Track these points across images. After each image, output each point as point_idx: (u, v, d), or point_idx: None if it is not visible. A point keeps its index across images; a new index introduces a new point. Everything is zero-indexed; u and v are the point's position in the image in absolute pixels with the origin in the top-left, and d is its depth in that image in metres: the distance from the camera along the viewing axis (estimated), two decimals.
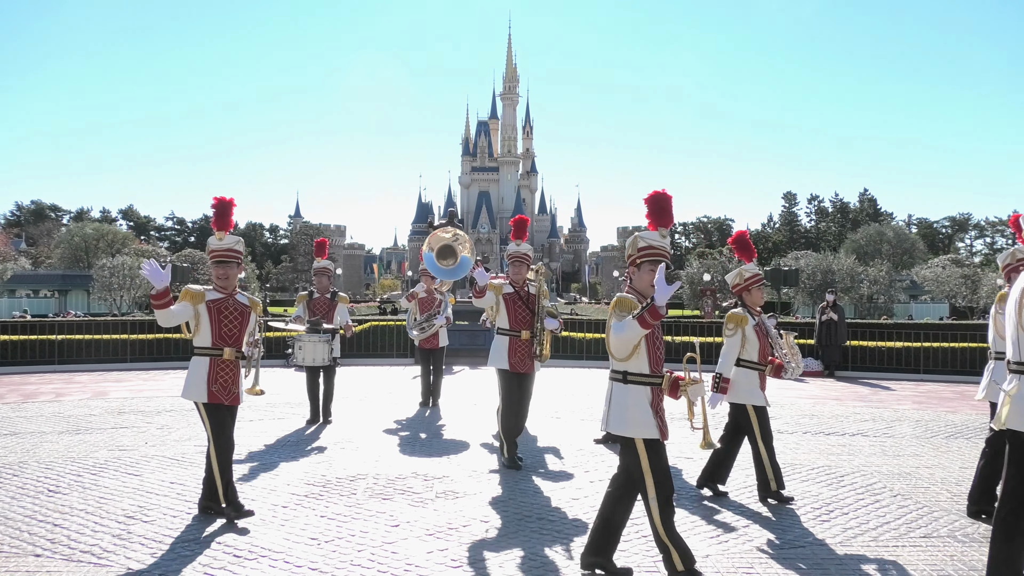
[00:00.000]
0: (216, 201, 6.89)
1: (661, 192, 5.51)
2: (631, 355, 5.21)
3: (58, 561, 5.69)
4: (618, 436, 5.38)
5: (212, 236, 6.88)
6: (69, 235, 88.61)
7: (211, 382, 6.70)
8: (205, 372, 6.72)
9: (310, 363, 11.40)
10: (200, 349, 6.78)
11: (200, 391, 6.68)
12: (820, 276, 62.53)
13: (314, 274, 11.99)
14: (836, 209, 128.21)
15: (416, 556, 5.84)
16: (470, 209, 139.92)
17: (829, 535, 6.44)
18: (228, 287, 6.86)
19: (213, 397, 6.69)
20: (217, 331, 6.74)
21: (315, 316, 11.62)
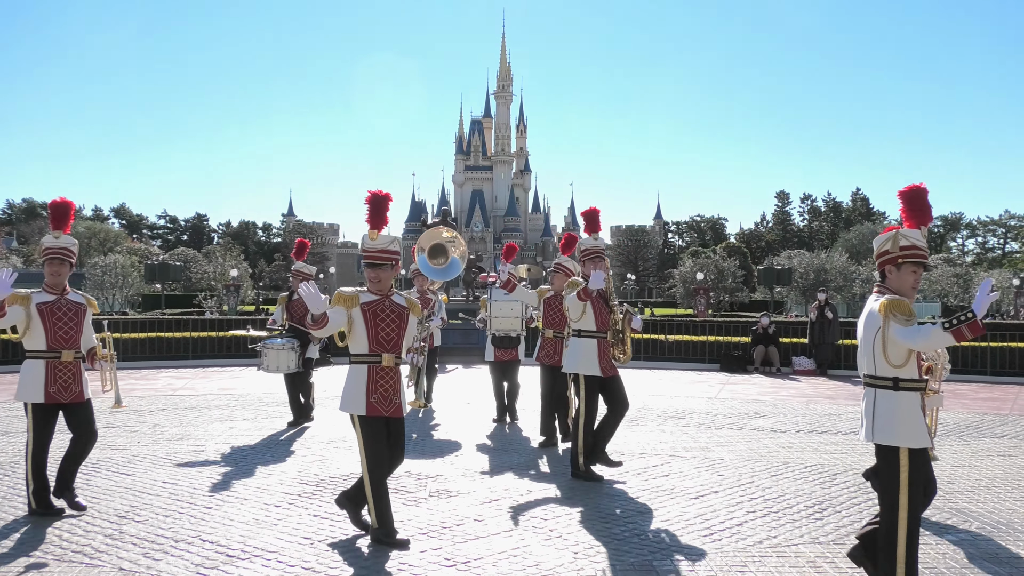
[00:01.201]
0: (371, 197, 6.25)
1: (919, 186, 5.19)
2: (907, 361, 4.93)
3: (50, 561, 5.67)
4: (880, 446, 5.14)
5: (364, 235, 6.31)
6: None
7: (370, 392, 6.03)
8: (364, 382, 6.04)
9: (274, 371, 10.93)
10: (357, 357, 6.13)
11: (358, 403, 6.03)
12: (813, 275, 62.68)
13: (292, 276, 11.82)
14: (829, 208, 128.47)
15: (410, 555, 5.83)
16: (464, 208, 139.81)
17: (822, 533, 6.45)
18: (383, 289, 6.20)
19: (372, 409, 6.02)
20: (374, 336, 6.08)
21: (293, 319, 11.28)
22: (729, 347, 21.14)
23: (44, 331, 6.66)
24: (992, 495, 7.70)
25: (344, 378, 6.17)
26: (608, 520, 6.78)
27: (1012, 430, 11.48)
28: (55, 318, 6.70)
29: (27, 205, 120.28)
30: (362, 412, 6.01)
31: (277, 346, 10.79)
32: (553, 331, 10.03)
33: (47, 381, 6.65)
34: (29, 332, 6.65)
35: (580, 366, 8.23)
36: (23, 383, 6.69)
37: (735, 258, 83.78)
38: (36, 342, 6.69)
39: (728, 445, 10.15)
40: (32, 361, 6.71)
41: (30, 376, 6.67)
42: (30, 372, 6.69)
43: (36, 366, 6.69)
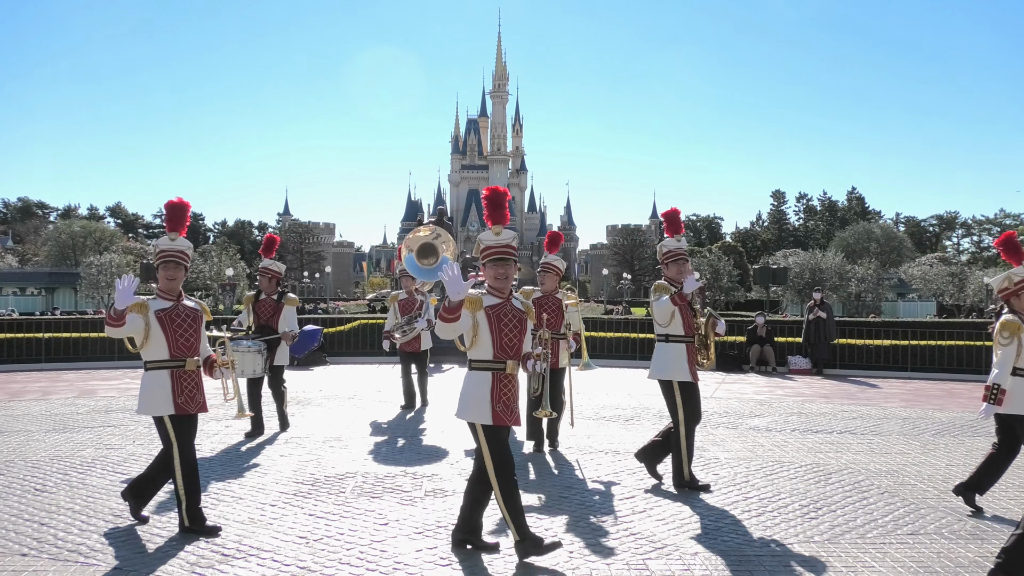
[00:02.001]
0: (489, 192, 5.92)
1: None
2: None
3: (45, 560, 5.67)
4: None
5: (486, 232, 5.88)
6: (56, 232, 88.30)
7: (495, 401, 5.71)
8: (488, 390, 5.70)
9: (239, 375, 9.57)
10: (478, 363, 5.78)
11: (482, 412, 5.69)
12: (808, 274, 62.79)
13: (259, 273, 10.86)
14: (824, 208, 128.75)
15: (405, 554, 5.84)
16: (460, 207, 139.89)
17: (817, 532, 6.46)
18: (505, 290, 5.83)
19: (497, 418, 5.71)
20: (498, 341, 5.73)
21: (260, 320, 10.50)
22: (725, 346, 21.13)
23: (165, 340, 6.27)
24: (987, 494, 7.71)
25: (463, 383, 5.83)
26: (603, 520, 6.78)
27: None
28: (175, 325, 6.31)
29: (22, 204, 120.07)
30: (487, 422, 5.69)
31: (243, 348, 9.83)
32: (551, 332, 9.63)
33: (174, 392, 6.26)
34: (148, 342, 6.27)
35: (673, 372, 7.83)
36: (149, 396, 6.28)
37: (731, 257, 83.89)
38: (158, 351, 6.30)
39: (723, 444, 10.16)
40: (156, 372, 6.30)
41: (156, 388, 6.26)
42: (155, 384, 6.27)
43: (160, 377, 6.28)
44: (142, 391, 6.34)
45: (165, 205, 6.54)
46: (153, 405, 6.27)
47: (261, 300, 10.60)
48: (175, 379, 6.28)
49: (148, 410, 6.31)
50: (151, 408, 6.29)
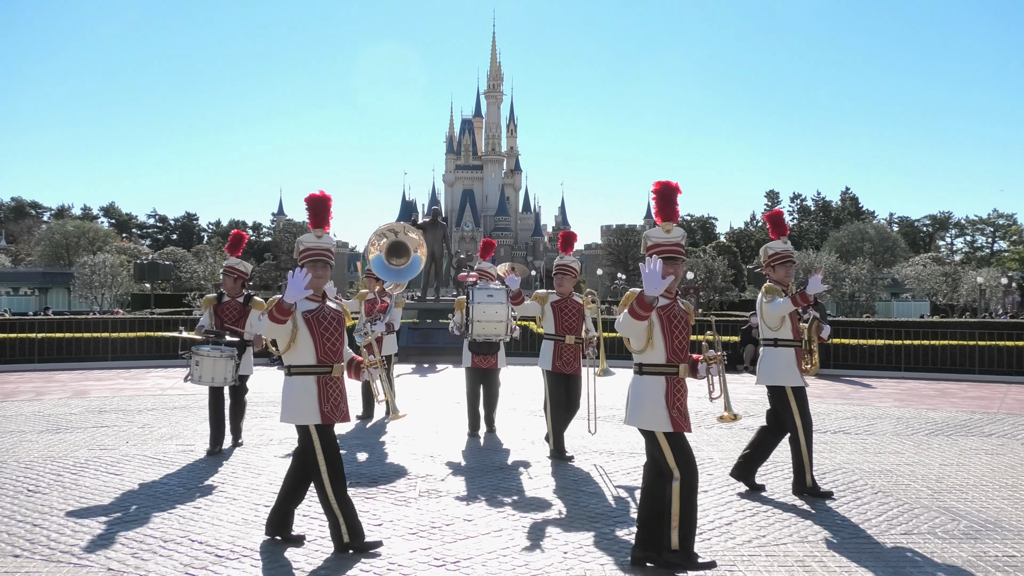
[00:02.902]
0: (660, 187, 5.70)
1: None
2: None
3: (37, 561, 5.65)
4: None
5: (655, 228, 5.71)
6: (50, 232, 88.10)
7: (671, 406, 5.50)
8: (663, 394, 5.51)
9: (209, 383, 9.03)
10: (650, 367, 5.58)
11: (660, 419, 5.49)
12: (802, 274, 62.78)
13: (224, 273, 9.76)
14: (818, 208, 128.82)
15: (399, 555, 5.83)
16: (454, 207, 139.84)
17: (811, 532, 6.47)
18: (672, 289, 5.64)
19: (676, 425, 5.49)
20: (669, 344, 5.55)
21: (224, 324, 9.53)
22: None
23: (313, 343, 5.84)
24: (980, 493, 7.73)
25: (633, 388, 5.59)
26: (597, 520, 6.78)
27: (1000, 428, 11.53)
28: (321, 328, 5.87)
29: (16, 204, 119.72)
30: (667, 428, 5.45)
31: (215, 354, 8.96)
32: (574, 337, 9.15)
33: (320, 400, 5.84)
34: (295, 345, 5.82)
35: (786, 378, 7.63)
36: (294, 403, 5.86)
37: (725, 257, 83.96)
38: (304, 356, 5.84)
39: (717, 444, 10.17)
40: (301, 378, 5.86)
41: (302, 395, 5.84)
42: (301, 391, 5.84)
43: (306, 384, 5.85)
44: (286, 397, 5.92)
45: (307, 199, 6.14)
46: (298, 413, 5.85)
47: (225, 303, 9.65)
48: (321, 386, 5.86)
49: (293, 418, 5.88)
50: (296, 416, 5.86)
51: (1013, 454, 9.71)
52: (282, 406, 5.96)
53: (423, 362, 20.87)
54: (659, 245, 5.57)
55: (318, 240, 6.02)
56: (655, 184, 5.69)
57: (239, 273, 9.71)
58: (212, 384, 9.04)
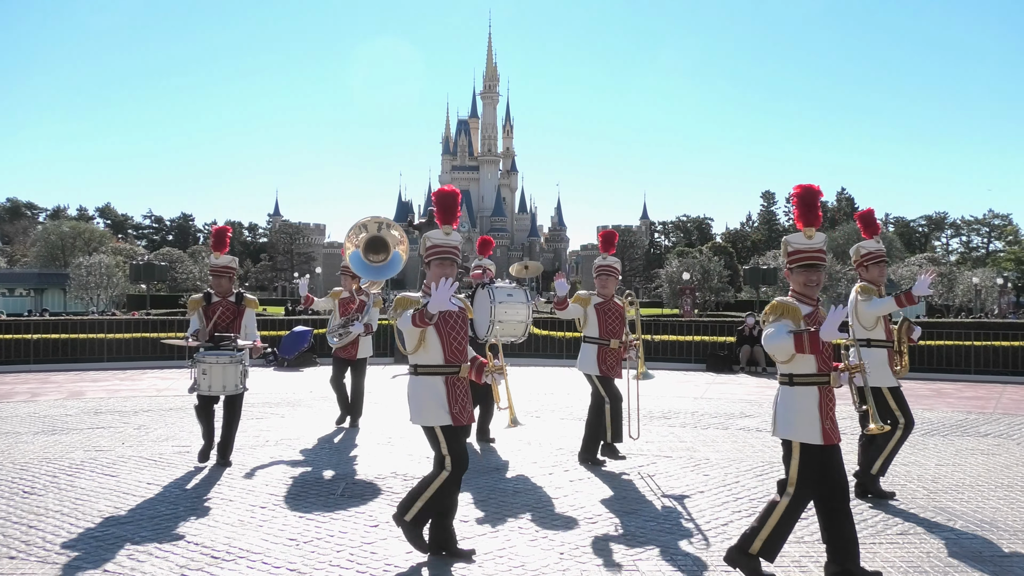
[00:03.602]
0: (801, 190, 5.53)
1: None
2: None
3: (33, 563, 5.64)
4: None
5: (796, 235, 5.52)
6: (45, 233, 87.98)
7: (824, 417, 5.33)
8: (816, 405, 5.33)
9: (219, 391, 8.54)
10: (802, 377, 5.36)
11: (812, 431, 5.29)
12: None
13: (212, 272, 9.13)
14: None
15: (395, 556, 5.83)
16: None
17: (807, 533, 6.47)
18: (812, 296, 5.48)
19: (827, 437, 5.33)
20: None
21: (218, 327, 8.79)
22: (715, 347, 21.20)
23: (440, 343, 5.71)
24: (976, 494, 7.75)
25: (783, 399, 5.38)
26: (594, 520, 6.78)
27: (996, 428, 11.55)
28: (448, 327, 5.74)
29: (11, 205, 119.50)
30: (817, 440, 5.25)
31: (224, 360, 8.49)
32: (618, 341, 8.86)
33: (449, 401, 5.70)
34: (423, 345, 5.69)
35: (881, 379, 7.47)
36: (422, 404, 5.71)
37: (721, 258, 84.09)
38: (432, 356, 5.71)
39: (714, 445, 10.17)
40: (429, 379, 5.73)
41: (430, 396, 5.71)
42: (429, 391, 5.71)
43: (435, 384, 5.72)
44: (414, 399, 5.76)
45: (434, 195, 6.00)
46: (427, 414, 5.71)
47: (215, 303, 8.87)
48: (450, 387, 5.74)
49: (421, 419, 5.75)
50: (425, 417, 5.72)
51: (1009, 454, 9.73)
52: (410, 407, 5.80)
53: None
54: (800, 252, 5.42)
55: (446, 237, 5.85)
56: (796, 188, 5.52)
57: (233, 271, 9.10)
58: (223, 393, 8.58)
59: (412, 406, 5.78)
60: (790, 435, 5.29)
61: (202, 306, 8.86)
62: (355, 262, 6.88)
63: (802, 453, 5.25)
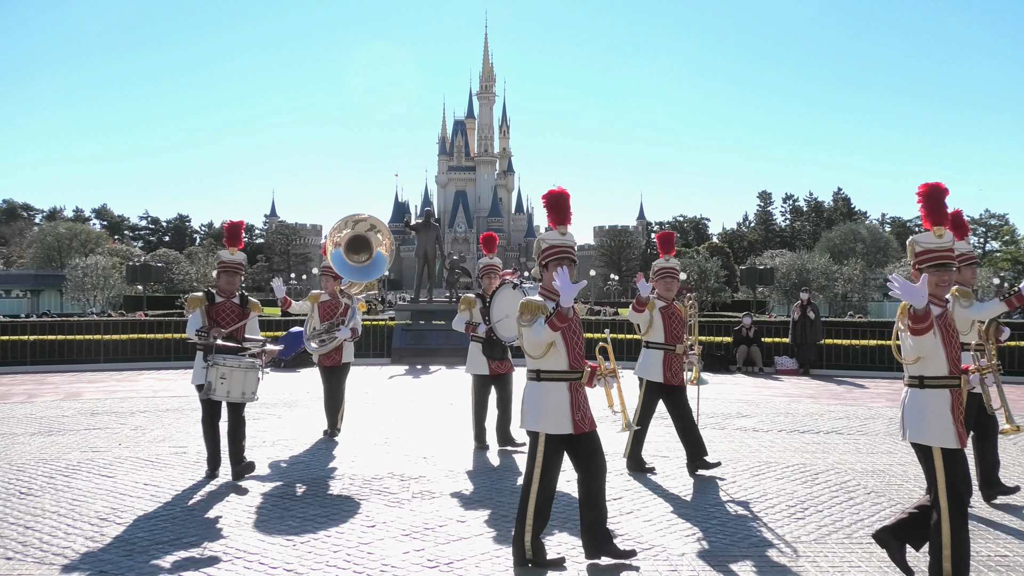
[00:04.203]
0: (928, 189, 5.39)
1: None
2: None
3: (30, 564, 5.63)
4: None
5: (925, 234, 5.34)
6: (42, 234, 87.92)
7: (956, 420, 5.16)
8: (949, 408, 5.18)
9: (237, 398, 7.93)
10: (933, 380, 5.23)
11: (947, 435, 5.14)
12: (795, 275, 63.01)
13: (220, 269, 8.42)
14: (811, 208, 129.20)
15: (392, 556, 5.83)
16: (447, 208, 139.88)
17: (804, 532, 6.48)
18: (942, 297, 5.29)
19: (962, 441, 5.17)
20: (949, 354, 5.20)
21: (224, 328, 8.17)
22: (712, 347, 21.17)
23: (565, 347, 5.54)
24: (973, 493, 7.74)
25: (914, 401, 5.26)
26: None
27: None
28: (571, 331, 5.53)
29: (7, 206, 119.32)
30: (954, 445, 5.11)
31: (246, 364, 7.94)
32: (681, 346, 8.57)
33: (572, 407, 5.54)
34: (553, 348, 5.53)
35: None
36: (541, 410, 5.52)
37: (718, 258, 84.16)
38: (558, 361, 5.54)
39: (710, 445, 10.14)
40: (553, 384, 5.53)
41: (553, 402, 5.51)
42: (553, 397, 5.52)
43: (560, 390, 5.53)
44: (533, 404, 5.56)
45: (544, 197, 5.80)
46: (547, 421, 5.52)
47: (219, 304, 8.28)
48: (573, 393, 5.58)
49: (540, 425, 5.53)
50: (545, 424, 5.52)
51: (1004, 453, 9.71)
52: (527, 411, 5.60)
53: (416, 363, 20.85)
54: (930, 251, 5.25)
55: (562, 237, 5.69)
56: (922, 187, 5.38)
57: (241, 269, 8.50)
58: (241, 399, 7.99)
59: (531, 411, 5.57)
60: (919, 438, 5.17)
61: (204, 305, 8.25)
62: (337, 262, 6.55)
63: (944, 456, 5.10)
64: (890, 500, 7.49)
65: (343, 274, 6.59)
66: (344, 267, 6.30)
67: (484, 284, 9.68)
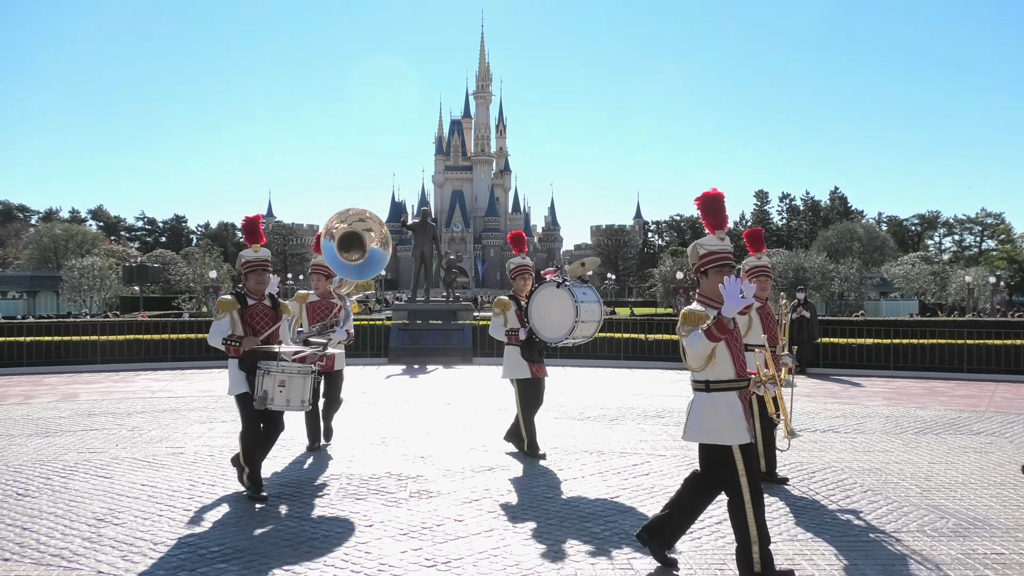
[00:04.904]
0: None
1: None
2: None
3: (27, 565, 5.63)
4: None
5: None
6: (38, 236, 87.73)
7: None
8: None
9: (296, 407, 7.32)
10: None
11: None
12: (792, 274, 62.94)
13: (246, 270, 7.67)
14: (807, 207, 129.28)
15: (390, 556, 5.83)
16: (444, 208, 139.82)
17: (800, 531, 6.49)
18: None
19: None
20: None
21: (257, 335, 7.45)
22: None
23: (731, 355, 5.38)
24: (969, 491, 7.77)
25: None
26: (588, 519, 6.79)
27: (989, 427, 11.58)
28: (733, 338, 5.42)
29: (3, 207, 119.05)
30: None
31: (305, 371, 7.32)
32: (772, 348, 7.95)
33: (745, 416, 5.41)
34: (714, 359, 5.33)
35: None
36: (715, 422, 5.35)
37: None
38: (725, 370, 5.38)
39: None
40: (724, 395, 5.37)
41: (726, 413, 5.35)
42: (725, 408, 5.35)
43: (731, 400, 5.39)
44: (704, 417, 5.40)
45: (699, 199, 5.62)
46: (725, 433, 5.35)
47: (252, 307, 7.55)
48: (743, 402, 5.46)
49: (714, 437, 5.37)
50: (719, 436, 5.36)
51: (1001, 452, 9.76)
52: (698, 425, 5.42)
53: (413, 363, 20.84)
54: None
55: (721, 243, 5.51)
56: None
57: (268, 266, 7.79)
58: (301, 409, 7.42)
59: (704, 424, 5.39)
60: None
61: (236, 309, 7.48)
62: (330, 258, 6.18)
63: None
64: (886, 498, 7.50)
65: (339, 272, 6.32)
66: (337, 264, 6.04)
67: (516, 285, 9.37)
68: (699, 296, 5.52)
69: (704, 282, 5.49)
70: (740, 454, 5.32)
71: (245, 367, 7.42)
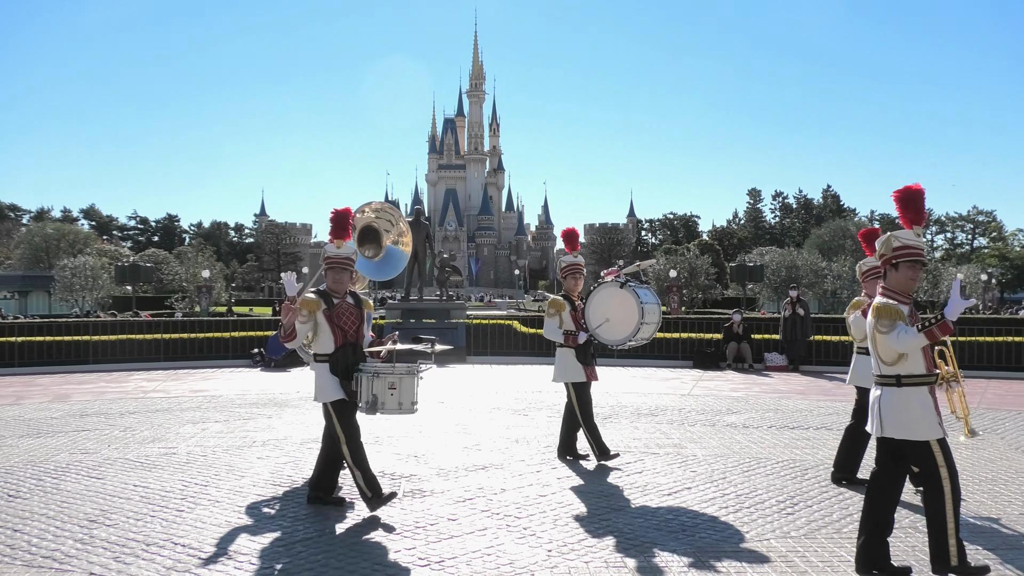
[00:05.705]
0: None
1: None
2: None
3: (18, 567, 5.61)
4: None
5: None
6: (29, 235, 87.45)
7: None
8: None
9: (408, 410, 7.07)
10: None
11: None
12: (785, 272, 63.02)
13: (328, 265, 7.08)
14: (800, 205, 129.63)
15: (384, 555, 5.82)
16: (437, 207, 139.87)
17: (794, 528, 6.50)
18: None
19: None
20: None
21: (346, 337, 7.00)
22: (702, 344, 21.24)
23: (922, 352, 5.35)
24: (962, 489, 7.76)
25: None
26: (581, 518, 6.79)
27: (980, 423, 11.60)
28: None
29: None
30: None
31: (413, 370, 7.21)
32: None
33: (936, 411, 5.40)
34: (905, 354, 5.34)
35: None
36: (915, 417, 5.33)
37: (708, 255, 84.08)
38: (916, 365, 5.37)
39: (701, 441, 10.19)
40: (917, 389, 5.35)
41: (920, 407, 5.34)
42: (921, 402, 5.34)
43: (924, 395, 5.36)
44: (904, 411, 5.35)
45: (899, 192, 5.54)
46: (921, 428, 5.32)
47: (338, 305, 6.97)
48: (933, 396, 5.42)
49: (919, 433, 5.33)
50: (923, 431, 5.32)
51: (993, 448, 9.79)
52: (895, 419, 5.37)
53: (408, 363, 20.80)
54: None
55: (916, 239, 5.45)
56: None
57: (350, 265, 7.22)
58: (411, 411, 7.15)
59: (903, 419, 5.35)
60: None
61: (319, 309, 6.88)
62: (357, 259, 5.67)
63: None
64: None
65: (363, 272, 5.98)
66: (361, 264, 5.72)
67: (568, 285, 9.03)
68: (884, 289, 5.50)
69: (892, 275, 5.45)
70: (939, 448, 5.32)
71: (338, 370, 6.94)
